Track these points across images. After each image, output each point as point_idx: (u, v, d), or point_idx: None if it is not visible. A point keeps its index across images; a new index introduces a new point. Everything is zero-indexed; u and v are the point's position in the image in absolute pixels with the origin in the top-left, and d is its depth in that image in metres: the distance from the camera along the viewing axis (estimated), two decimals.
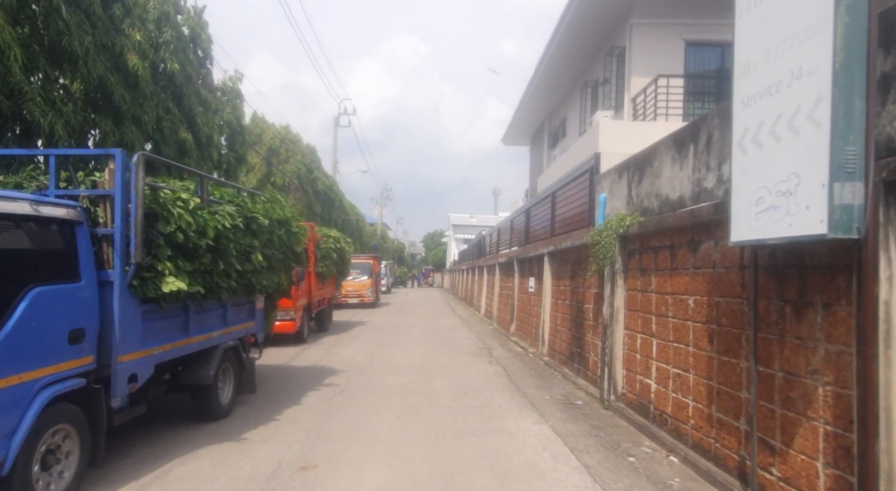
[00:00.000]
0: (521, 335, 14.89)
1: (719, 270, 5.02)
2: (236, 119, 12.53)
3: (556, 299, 11.37)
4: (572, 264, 10.21)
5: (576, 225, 10.54)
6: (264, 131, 23.91)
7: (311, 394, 8.06)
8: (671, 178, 6.35)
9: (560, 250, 11.01)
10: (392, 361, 11.21)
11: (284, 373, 9.79)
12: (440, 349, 13.11)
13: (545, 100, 21.95)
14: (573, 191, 10.86)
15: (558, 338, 10.94)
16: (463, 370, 10.33)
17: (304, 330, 13.81)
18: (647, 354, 6.58)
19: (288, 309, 12.90)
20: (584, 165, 10.11)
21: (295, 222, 8.37)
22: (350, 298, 27.68)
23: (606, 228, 7.61)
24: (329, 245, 15.94)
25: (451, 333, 16.59)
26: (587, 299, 9.10)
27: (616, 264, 7.50)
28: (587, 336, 9.02)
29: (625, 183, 7.88)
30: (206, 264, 5.61)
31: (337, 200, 31.67)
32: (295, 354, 11.94)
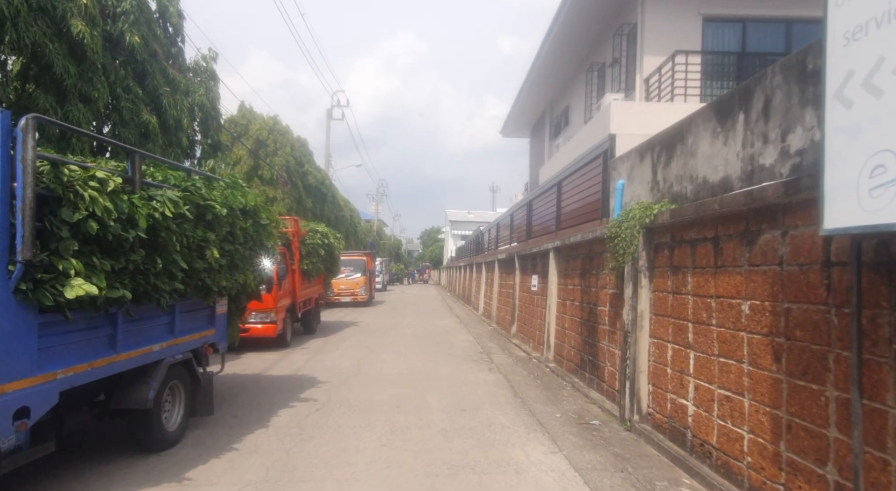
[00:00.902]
0: (524, 338, 13.77)
1: (790, 267, 3.89)
2: (210, 102, 11.35)
3: (563, 300, 10.25)
4: (582, 261, 9.09)
5: (586, 217, 9.41)
6: (251, 122, 22.72)
7: (282, 412, 6.93)
8: (711, 156, 5.23)
9: (568, 245, 9.89)
10: (381, 369, 10.08)
11: (258, 384, 8.65)
12: (435, 354, 11.99)
13: (547, 87, 20.79)
14: (583, 179, 9.73)
15: (566, 343, 9.83)
16: (460, 380, 9.21)
17: (286, 333, 12.67)
18: (681, 369, 5.46)
19: (268, 311, 11.76)
20: (595, 149, 8.98)
21: (265, 213, 7.22)
22: (342, 297, 26.56)
23: (627, 219, 6.49)
24: (316, 241, 14.80)
25: (447, 335, 15.47)
26: (601, 301, 7.98)
27: (639, 261, 6.37)
28: (602, 343, 7.90)
29: (648, 166, 6.75)
30: (136, 262, 4.47)
31: (330, 195, 30.49)
32: (274, 361, 10.80)
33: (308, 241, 14.33)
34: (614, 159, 8.07)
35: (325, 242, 15.55)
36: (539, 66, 19.08)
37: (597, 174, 8.89)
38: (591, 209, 9.11)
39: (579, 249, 9.27)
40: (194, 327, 6.04)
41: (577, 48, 16.20)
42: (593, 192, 9.07)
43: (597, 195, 8.87)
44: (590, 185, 9.28)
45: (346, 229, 36.45)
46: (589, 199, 9.33)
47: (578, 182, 10.03)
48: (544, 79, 19.89)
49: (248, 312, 11.49)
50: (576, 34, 15.25)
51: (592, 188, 9.13)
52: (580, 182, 9.91)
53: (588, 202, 9.37)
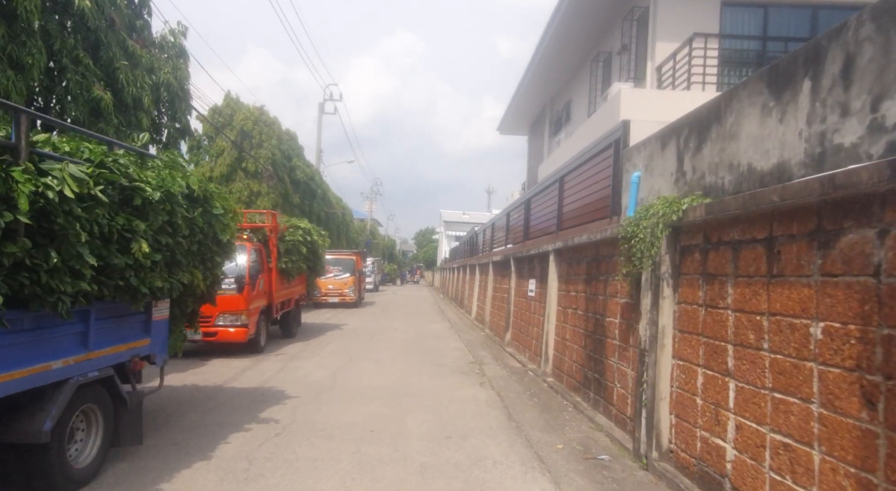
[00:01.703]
0: (519, 347, 12.72)
1: (892, 279, 2.85)
2: (178, 81, 10.25)
3: (564, 307, 9.20)
4: (588, 265, 8.04)
5: (593, 215, 8.37)
6: (236, 112, 21.60)
7: (233, 438, 5.84)
8: (760, 137, 4.19)
9: (570, 247, 8.85)
10: (360, 381, 9.00)
11: (214, 399, 7.56)
12: (422, 364, 10.92)
13: (547, 82, 19.76)
14: (589, 173, 8.68)
15: (567, 356, 8.77)
16: (447, 397, 8.14)
17: (260, 337, 11.57)
18: (715, 401, 4.42)
19: (238, 313, 10.67)
20: (605, 138, 7.93)
21: (220, 201, 6.13)
22: (330, 297, 25.48)
23: (647, 217, 5.44)
24: (297, 237, 13.70)
25: (437, 342, 14.40)
26: (610, 311, 6.93)
27: (661, 266, 5.32)
28: (610, 359, 6.85)
29: (672, 154, 5.71)
30: (15, 256, 3.39)
31: (320, 192, 29.41)
32: (242, 370, 9.70)
33: (288, 238, 13.24)
34: (628, 149, 7.03)
35: (307, 240, 14.44)
36: (540, 58, 18.05)
37: (606, 167, 7.85)
38: (599, 207, 8.07)
39: (584, 252, 8.23)
40: (119, 338, 4.95)
41: (581, 37, 15.17)
42: (602, 187, 8.03)
43: (606, 191, 7.82)
44: (598, 179, 8.24)
45: (338, 228, 35.37)
46: (596, 196, 8.29)
47: (584, 177, 8.98)
48: (545, 72, 18.86)
49: (215, 314, 10.44)
50: (580, 21, 14.23)
51: (601, 183, 8.09)
52: (586, 177, 8.87)
53: (595, 199, 8.33)
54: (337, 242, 33.81)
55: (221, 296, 10.46)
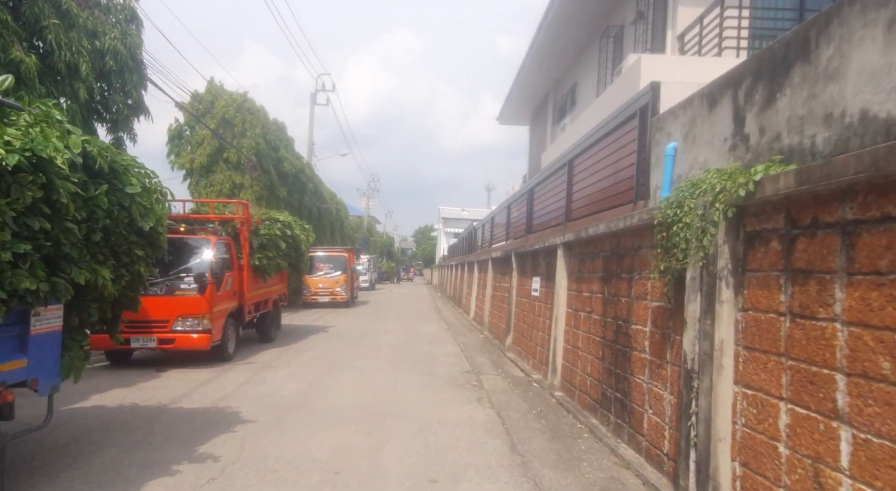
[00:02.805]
0: (521, 352, 11.37)
1: None
2: (128, 49, 8.86)
3: (575, 310, 7.84)
4: (605, 260, 6.69)
5: (611, 201, 7.00)
6: (217, 98, 20.19)
7: (150, 487, 4.48)
8: (885, 68, 2.83)
9: (583, 240, 7.49)
10: (336, 397, 7.65)
11: (151, 426, 6.19)
12: (411, 373, 9.57)
13: (550, 65, 18.38)
14: (606, 151, 7.32)
15: (580, 368, 7.42)
16: (438, 418, 6.79)
17: (227, 344, 10.19)
18: (814, 454, 3.06)
19: (199, 316, 9.30)
20: (627, 107, 6.56)
21: (141, 177, 4.76)
22: (320, 297, 24.11)
23: (695, 195, 4.09)
24: (274, 231, 12.32)
25: (430, 346, 13.03)
26: (638, 316, 5.57)
27: (718, 260, 3.96)
28: (637, 377, 5.49)
29: (726, 113, 4.34)
30: None
31: (311, 186, 27.92)
32: (199, 384, 8.34)
33: (263, 232, 11.86)
34: (659, 116, 5.67)
35: (286, 234, 13.07)
36: (542, 39, 16.68)
37: (629, 142, 6.49)
38: (620, 191, 6.70)
39: (601, 245, 6.87)
40: None
41: (588, 10, 13.78)
42: (623, 167, 6.66)
43: (629, 171, 6.46)
44: (617, 158, 6.87)
45: (332, 224, 33.95)
46: (615, 178, 6.92)
47: (599, 157, 7.62)
48: (548, 54, 17.49)
49: (173, 319, 9.09)
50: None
51: (622, 162, 6.72)
52: (601, 157, 7.51)
53: (614, 182, 6.96)
54: (331, 239, 32.44)
55: (180, 298, 9.13)
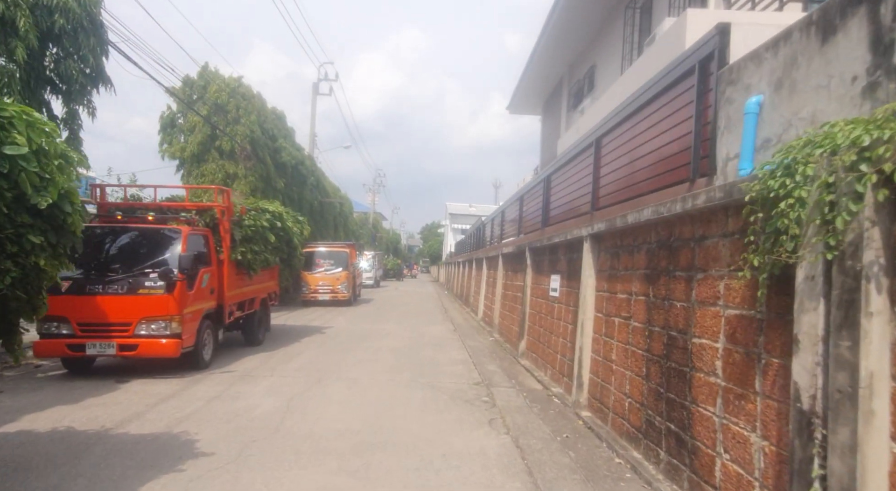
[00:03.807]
0: (537, 360, 10.06)
1: None
2: (83, 7, 7.60)
3: (607, 315, 6.52)
4: (650, 253, 5.36)
5: (658, 182, 5.67)
6: (209, 82, 18.95)
7: None
8: None
9: (618, 230, 6.17)
10: (319, 418, 6.37)
11: (75, 462, 4.91)
12: (412, 386, 8.28)
13: (565, 47, 17.02)
14: (648, 122, 5.97)
15: (615, 386, 6.10)
16: (441, 450, 5.49)
17: (201, 350, 8.92)
18: None
19: (167, 319, 8.04)
20: (682, 61, 5.20)
21: (35, 134, 3.48)
22: (320, 295, 22.87)
23: (826, 154, 2.77)
24: (261, 222, 11.06)
25: (435, 351, 11.75)
26: (703, 327, 4.24)
27: (864, 252, 2.62)
28: (704, 406, 4.17)
29: (854, 43, 3.02)
30: None
31: (312, 179, 26.65)
32: (160, 399, 7.08)
33: (247, 223, 10.58)
34: (733, 65, 4.33)
35: (276, 226, 11.81)
36: (555, 21, 15.34)
37: (683, 106, 5.15)
38: (670, 167, 5.37)
39: (643, 235, 5.54)
40: None
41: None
42: (674, 138, 5.33)
43: (683, 142, 5.13)
44: (665, 128, 5.53)
45: (335, 219, 32.71)
46: (663, 153, 5.59)
47: (637, 132, 6.28)
48: (562, 37, 16.14)
49: (135, 321, 7.84)
50: None
51: (671, 132, 5.39)
52: (640, 131, 6.16)
53: (661, 158, 5.63)
54: (334, 235, 31.23)
55: (144, 297, 7.89)
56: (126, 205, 9.63)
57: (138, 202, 9.81)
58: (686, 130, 5.06)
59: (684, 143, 5.12)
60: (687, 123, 5.08)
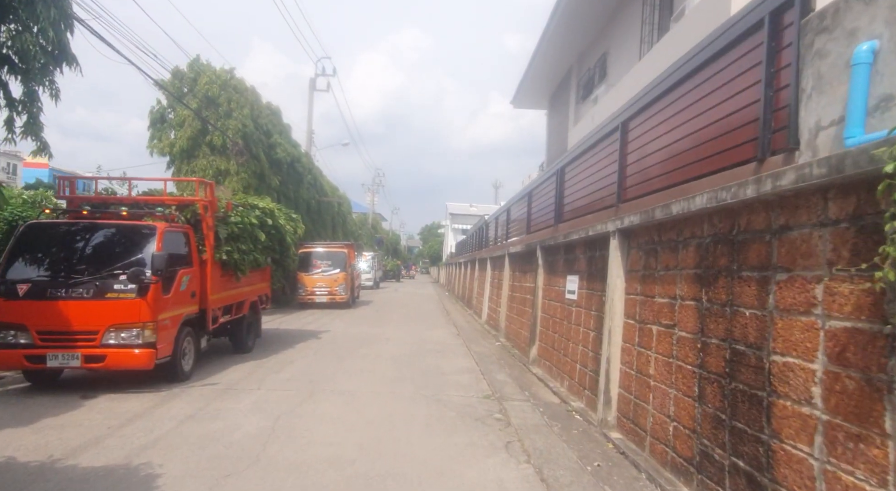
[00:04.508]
0: (551, 368, 9.16)
1: None
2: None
3: (641, 322, 5.63)
4: (701, 249, 4.47)
5: (709, 164, 4.75)
6: (200, 75, 18.05)
7: None
8: None
9: (656, 223, 5.29)
10: (310, 445, 5.47)
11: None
12: (415, 400, 7.38)
13: (573, 37, 16.14)
14: (694, 95, 5.06)
15: (656, 405, 5.19)
16: (451, 485, 4.59)
17: (180, 360, 8.00)
18: None
19: (139, 326, 7.14)
20: (745, 15, 4.29)
21: None
22: (318, 297, 21.96)
23: None
24: (249, 220, 10.16)
25: (438, 358, 10.85)
26: (789, 342, 3.33)
27: None
28: (792, 444, 3.26)
29: None
30: None
31: (309, 177, 25.74)
32: (128, 418, 6.17)
33: (234, 220, 9.68)
34: (824, 10, 3.44)
35: (267, 223, 10.92)
36: (564, 7, 14.46)
37: (747, 68, 4.24)
38: (730, 145, 4.46)
39: (693, 227, 4.65)
40: None
41: None
42: (734, 109, 4.41)
43: (746, 113, 4.22)
44: (719, 99, 4.62)
45: (333, 219, 31.80)
46: (716, 129, 4.67)
47: (679, 107, 5.37)
48: (570, 25, 15.26)
49: (102, 330, 6.94)
50: None
51: (729, 104, 4.47)
52: (685, 105, 5.26)
53: (715, 135, 4.71)
54: (333, 235, 30.33)
55: (113, 302, 7.00)
56: (98, 199, 8.73)
57: (112, 196, 8.92)
58: (749, 100, 4.17)
59: (746, 116, 4.22)
60: (750, 92, 4.18)
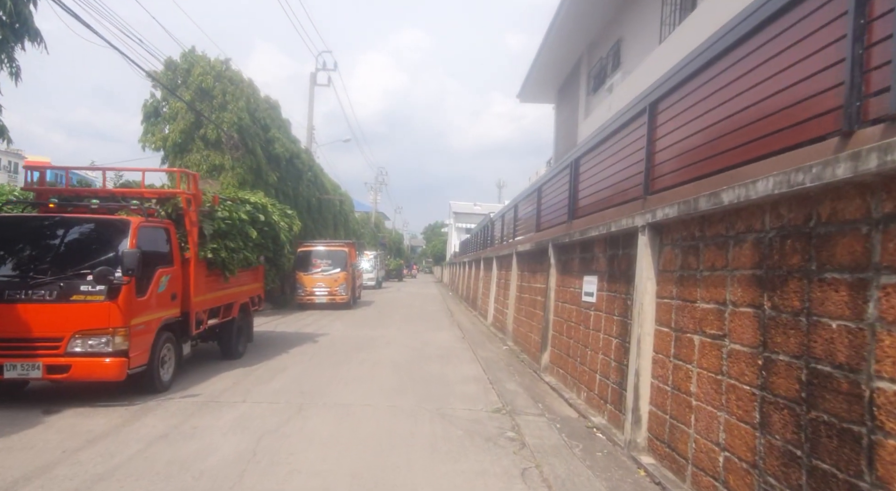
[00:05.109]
0: (565, 378, 8.39)
1: None
2: None
3: (679, 330, 4.84)
4: (761, 246, 3.70)
5: (768, 144, 3.95)
6: (193, 65, 17.31)
7: None
8: None
9: (696, 216, 4.52)
10: (294, 473, 4.70)
11: None
12: (418, 415, 6.61)
13: (583, 26, 15.35)
14: (749, 61, 4.27)
15: (700, 429, 4.40)
16: None
17: (157, 370, 7.23)
18: None
19: (108, 333, 6.39)
20: None
21: None
22: (317, 298, 21.23)
23: None
24: (239, 215, 9.41)
25: (443, 365, 10.09)
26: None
27: None
28: None
29: None
30: None
31: (309, 174, 24.97)
32: (88, 439, 5.41)
33: (221, 215, 8.91)
34: None
35: (258, 219, 10.17)
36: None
37: (820, 26, 3.46)
38: (799, 118, 3.67)
39: (750, 220, 3.87)
40: None
41: None
42: (804, 75, 3.62)
43: (819, 80, 3.43)
44: (783, 65, 3.83)
45: (335, 217, 31.07)
46: (778, 101, 3.88)
47: (724, 81, 4.58)
48: (580, 13, 14.47)
49: (67, 337, 6.19)
50: None
51: (796, 69, 3.68)
52: (732, 78, 4.47)
53: (778, 108, 3.91)
54: (334, 234, 29.60)
55: (79, 305, 6.24)
56: (69, 191, 7.98)
57: (85, 188, 8.18)
58: (826, 62, 3.38)
59: (820, 82, 3.43)
60: (824, 55, 3.40)
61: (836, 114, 3.27)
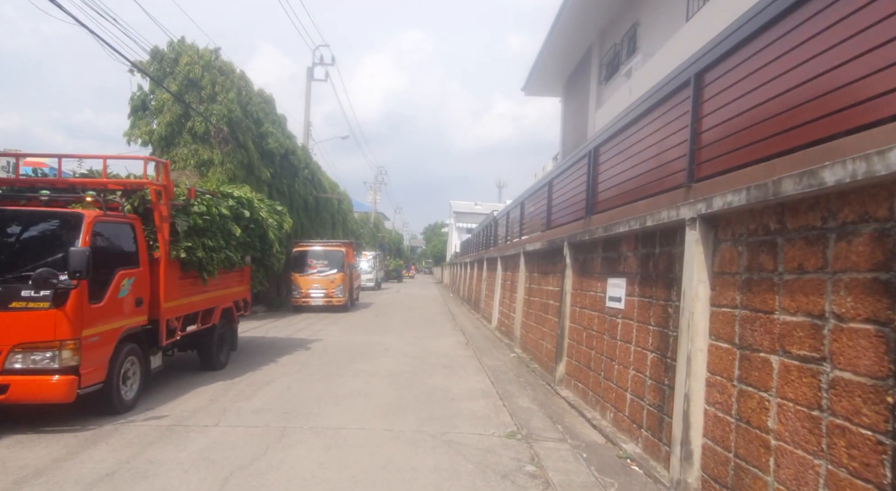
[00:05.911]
0: (585, 393, 7.39)
1: None
2: None
3: (742, 347, 3.85)
4: (882, 238, 2.70)
5: (875, 109, 2.99)
6: (180, 55, 16.33)
7: None
8: None
9: (771, 205, 3.54)
10: None
11: None
12: (418, 443, 5.61)
13: (594, 12, 14.37)
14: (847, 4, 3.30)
15: (786, 480, 3.41)
16: None
17: (116, 387, 6.23)
18: None
19: (53, 345, 5.38)
20: None
21: None
22: (313, 300, 20.25)
23: None
24: (219, 209, 8.41)
25: (446, 377, 9.09)
26: None
27: None
28: None
29: None
30: None
31: (306, 172, 23.93)
32: (16, 481, 4.42)
33: (197, 210, 7.91)
34: None
35: (243, 215, 9.17)
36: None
37: None
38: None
39: (863, 207, 2.88)
40: None
41: None
42: None
43: None
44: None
45: (333, 217, 30.04)
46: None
47: (813, 29, 3.60)
48: None
49: (5, 351, 5.19)
50: None
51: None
52: (827, 23, 3.49)
53: None
54: (332, 234, 28.58)
55: (18, 313, 5.25)
56: (20, 182, 6.99)
57: (38, 178, 7.19)
58: None
59: None
60: None
61: None
